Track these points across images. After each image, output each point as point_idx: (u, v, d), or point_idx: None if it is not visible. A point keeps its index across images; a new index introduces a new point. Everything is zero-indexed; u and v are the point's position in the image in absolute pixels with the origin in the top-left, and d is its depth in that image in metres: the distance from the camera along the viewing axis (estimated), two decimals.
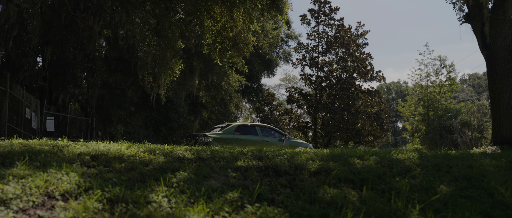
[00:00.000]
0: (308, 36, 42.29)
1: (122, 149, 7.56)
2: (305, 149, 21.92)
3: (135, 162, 6.63)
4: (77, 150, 7.17)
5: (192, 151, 8.28)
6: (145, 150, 7.71)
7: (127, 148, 7.88)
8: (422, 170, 7.48)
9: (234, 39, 20.88)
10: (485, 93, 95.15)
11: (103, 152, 7.13)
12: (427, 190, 6.37)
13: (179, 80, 31.11)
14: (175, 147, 8.67)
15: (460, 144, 47.41)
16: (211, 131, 21.69)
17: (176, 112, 31.81)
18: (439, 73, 51.80)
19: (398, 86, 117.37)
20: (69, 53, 26.23)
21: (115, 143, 9.06)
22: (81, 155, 6.81)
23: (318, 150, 10.17)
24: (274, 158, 7.91)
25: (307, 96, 41.58)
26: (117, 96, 28.72)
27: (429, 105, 51.05)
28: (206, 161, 7.32)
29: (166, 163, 6.81)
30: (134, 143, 9.16)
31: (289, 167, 7.30)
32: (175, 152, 7.91)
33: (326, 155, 8.62)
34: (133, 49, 27.37)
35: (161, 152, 7.65)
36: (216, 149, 8.94)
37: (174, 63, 22.16)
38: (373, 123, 38.89)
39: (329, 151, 9.38)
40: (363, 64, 40.24)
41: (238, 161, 7.50)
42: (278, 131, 22.36)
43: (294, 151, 9.50)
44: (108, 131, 29.45)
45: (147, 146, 8.54)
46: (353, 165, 7.74)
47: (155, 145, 9.14)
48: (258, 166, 7.26)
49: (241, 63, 22.28)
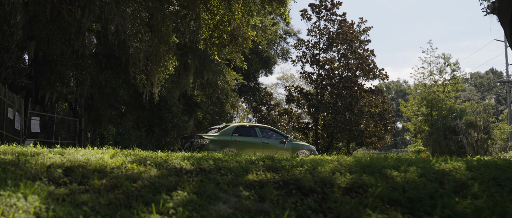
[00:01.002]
0: (308, 32, 40.91)
1: (105, 158, 6.19)
2: (309, 153, 21.08)
3: (120, 177, 5.25)
4: (49, 160, 5.78)
5: (190, 160, 6.90)
6: (133, 159, 6.33)
7: (111, 156, 6.50)
8: (480, 186, 6.10)
9: (232, 34, 19.76)
10: (488, 93, 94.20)
11: (81, 163, 5.76)
12: (501, 215, 4.99)
13: (173, 79, 29.95)
14: (170, 155, 7.33)
15: (466, 145, 46.21)
16: (208, 132, 20.74)
17: (170, 112, 30.72)
18: (443, 72, 50.70)
19: (397, 85, 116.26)
20: (56, 49, 25.04)
21: (99, 149, 7.72)
22: (52, 167, 5.41)
23: (339, 157, 8.81)
24: (292, 169, 6.56)
25: (308, 96, 40.22)
26: (108, 95, 27.64)
27: (433, 105, 49.91)
28: (210, 174, 5.95)
29: (160, 177, 5.44)
30: (121, 149, 7.83)
31: (314, 183, 5.93)
32: (170, 161, 6.54)
33: (352, 164, 7.28)
34: (124, 45, 26.24)
35: (153, 162, 6.29)
36: (219, 157, 7.58)
37: (168, 59, 21.02)
38: (377, 123, 37.69)
39: (354, 160, 8.02)
40: (366, 62, 38.98)
41: (249, 173, 6.15)
42: (279, 132, 21.48)
43: (314, 159, 8.17)
44: (98, 132, 28.37)
45: (137, 153, 7.17)
46: (391, 178, 6.37)
47: (146, 152, 7.78)
48: (274, 180, 5.92)
49: (240, 60, 21.10)
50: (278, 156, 8.26)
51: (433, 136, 48.57)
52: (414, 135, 52.88)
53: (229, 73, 35.22)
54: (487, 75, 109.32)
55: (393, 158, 8.76)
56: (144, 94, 26.25)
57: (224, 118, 39.28)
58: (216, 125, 37.81)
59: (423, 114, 50.94)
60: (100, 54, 28.63)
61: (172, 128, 30.97)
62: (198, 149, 18.83)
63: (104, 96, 27.86)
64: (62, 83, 25.44)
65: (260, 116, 49.06)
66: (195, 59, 31.44)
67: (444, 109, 49.48)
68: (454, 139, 47.26)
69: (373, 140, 37.58)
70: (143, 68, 22.60)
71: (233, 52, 20.03)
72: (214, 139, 19.29)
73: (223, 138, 19.50)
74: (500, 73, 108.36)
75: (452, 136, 47.66)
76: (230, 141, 19.46)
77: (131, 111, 31.14)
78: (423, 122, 50.91)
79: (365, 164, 7.25)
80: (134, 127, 29.99)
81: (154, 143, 30.61)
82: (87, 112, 27.70)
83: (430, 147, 49.77)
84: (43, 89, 25.47)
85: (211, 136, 19.41)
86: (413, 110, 52.61)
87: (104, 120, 28.27)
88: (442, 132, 48.26)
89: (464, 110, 49.54)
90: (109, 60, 28.92)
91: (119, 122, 29.04)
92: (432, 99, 49.94)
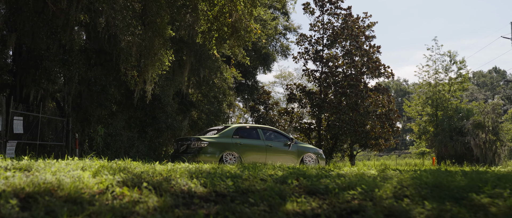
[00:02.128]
0: (311, 27, 39.50)
1: (85, 178, 4.57)
2: (315, 156, 19.74)
3: (103, 213, 3.61)
4: (3, 182, 4.11)
5: (201, 177, 5.26)
6: (124, 179, 4.70)
7: (94, 174, 4.86)
8: None
9: (233, 26, 18.35)
10: (491, 92, 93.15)
11: (50, 187, 4.11)
12: None
13: (167, 76, 28.74)
14: (172, 170, 5.69)
15: (473, 147, 44.97)
16: (206, 134, 19.56)
17: (164, 111, 29.49)
18: (449, 70, 49.41)
19: (397, 84, 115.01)
20: (41, 43, 23.67)
21: (80, 161, 6.08)
22: (3, 195, 3.74)
23: (393, 173, 7.13)
24: (342, 192, 4.92)
25: (311, 94, 38.64)
26: (97, 93, 26.31)
27: (438, 105, 48.59)
28: (233, 203, 4.32)
29: (163, 212, 3.81)
30: (109, 160, 6.20)
31: (384, 217, 4.29)
32: (173, 180, 4.92)
33: (417, 184, 5.62)
34: (115, 40, 24.96)
35: (152, 183, 4.65)
36: (237, 173, 5.94)
37: (164, 54, 19.52)
38: (384, 123, 36.22)
39: (414, 175, 6.36)
40: (372, 59, 37.47)
41: (286, 200, 4.52)
42: (284, 134, 20.38)
43: (359, 174, 6.53)
44: (87, 133, 27.00)
45: (128, 168, 5.52)
46: (483, 208, 4.73)
47: (140, 164, 6.14)
48: (325, 212, 4.29)
49: (242, 55, 19.67)
50: (308, 168, 6.67)
51: (439, 137, 47.38)
52: (418, 136, 51.53)
53: (226, 71, 33.83)
54: (490, 74, 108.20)
55: (458, 173, 7.11)
56: (136, 92, 25.21)
57: (220, 117, 38.08)
58: (211, 125, 36.79)
59: (428, 114, 49.68)
60: (89, 49, 27.36)
61: (166, 129, 29.75)
62: (195, 152, 17.77)
63: (94, 94, 26.57)
64: (48, 80, 24.13)
65: (257, 116, 47.98)
66: (190, 55, 30.23)
67: (450, 108, 48.33)
68: (461, 140, 46.04)
69: (379, 141, 36.12)
70: (135, 64, 21.16)
71: (235, 47, 18.60)
72: (213, 141, 18.14)
73: (223, 140, 18.37)
74: (504, 72, 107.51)
75: (458, 137, 46.46)
76: (230, 144, 18.35)
77: (122, 110, 29.89)
78: (427, 123, 49.67)
79: (432, 183, 5.64)
80: (126, 127, 28.70)
81: (147, 144, 29.38)
82: (75, 111, 26.48)
83: (435, 149, 48.69)
84: (28, 86, 24.22)
85: (210, 138, 18.27)
86: (417, 109, 51.28)
87: (94, 120, 27.06)
88: (448, 133, 47.11)
89: (471, 109, 48.37)
90: (99, 56, 27.69)
91: (109, 122, 27.87)
92: (437, 99, 48.61)
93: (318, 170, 6.43)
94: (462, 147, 45.81)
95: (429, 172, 6.68)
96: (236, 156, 18.15)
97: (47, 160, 6.55)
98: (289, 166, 9.46)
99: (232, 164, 18.17)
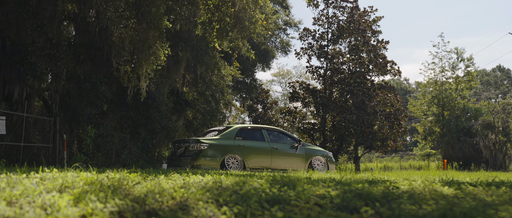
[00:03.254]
0: (314, 22, 38.19)
1: (62, 208, 3.14)
2: (324, 160, 18.63)
3: None
4: None
5: (229, 202, 3.86)
6: (120, 209, 3.28)
7: (76, 199, 3.42)
8: None
9: (237, 16, 17.08)
10: (495, 91, 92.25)
11: None
12: None
13: (161, 73, 27.79)
14: (186, 189, 4.31)
15: (483, 148, 44.02)
16: (205, 135, 18.60)
17: (158, 111, 28.61)
18: (456, 68, 48.38)
19: (398, 83, 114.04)
20: (26, 37, 22.45)
21: (59, 173, 4.71)
22: None
23: (474, 189, 5.72)
24: None
25: (315, 93, 37.28)
26: (87, 91, 25.20)
27: (445, 104, 47.55)
28: None
29: None
30: (99, 169, 4.84)
31: None
32: (194, 211, 3.52)
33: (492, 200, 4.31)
34: (106, 33, 23.81)
35: (163, 216, 3.26)
36: (280, 196, 4.48)
37: (159, 47, 18.25)
38: (393, 124, 34.98)
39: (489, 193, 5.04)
40: (380, 55, 36.19)
41: None
42: (290, 135, 19.42)
43: (449, 197, 5.18)
44: (76, 134, 25.91)
45: (125, 189, 4.12)
46: None
47: (140, 181, 4.76)
48: None
49: (246, 48, 18.41)
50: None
51: (445, 138, 46.45)
52: (423, 137, 50.48)
53: (225, 68, 32.67)
54: (493, 73, 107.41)
55: None
56: (129, 89, 24.19)
57: (217, 117, 37.01)
58: (207, 125, 35.81)
59: (434, 113, 48.67)
60: (78, 43, 26.19)
61: (161, 130, 28.77)
62: (194, 156, 16.80)
63: (83, 92, 25.37)
64: (34, 77, 22.97)
65: (255, 116, 47.02)
66: (187, 50, 29.10)
67: (457, 108, 47.39)
68: (469, 141, 45.08)
69: (388, 142, 34.87)
70: (128, 58, 19.94)
71: (238, 39, 17.35)
72: (213, 143, 17.09)
73: (224, 142, 17.31)
74: (508, 70, 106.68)
75: (466, 138, 45.51)
76: (232, 146, 17.30)
77: (114, 110, 28.79)
78: (433, 123, 48.67)
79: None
80: (117, 127, 27.90)
81: (140, 145, 28.48)
82: (63, 110, 25.35)
83: (441, 150, 47.74)
84: (11, 83, 23.04)
85: (210, 140, 17.22)
86: (422, 109, 50.21)
87: (83, 120, 25.96)
88: (455, 134, 46.21)
89: (479, 109, 47.46)
90: (88, 51, 26.29)
91: (100, 122, 27.07)
92: (444, 98, 47.58)
93: (383, 187, 5.10)
94: (470, 148, 44.90)
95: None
96: (239, 159, 17.15)
97: (18, 171, 5.22)
98: (323, 177, 8.17)
99: (235, 169, 17.08)
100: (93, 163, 23.00)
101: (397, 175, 12.50)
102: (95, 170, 5.59)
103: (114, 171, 5.39)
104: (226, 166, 16.71)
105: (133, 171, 6.78)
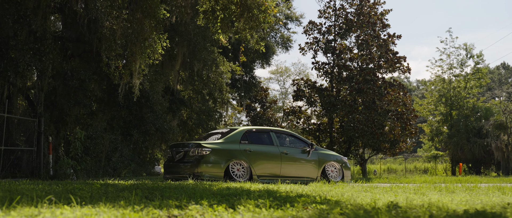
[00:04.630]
0: (320, 14, 36.58)
1: None
2: (339, 166, 17.14)
3: None
4: None
5: None
6: None
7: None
8: None
9: (244, 4, 15.45)
10: (499, 89, 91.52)
11: None
12: None
13: (155, 69, 26.55)
14: None
15: (494, 150, 42.79)
16: (207, 138, 16.90)
17: (152, 111, 27.51)
18: (465, 65, 47.11)
19: (399, 81, 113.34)
20: (8, 29, 21.21)
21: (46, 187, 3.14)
22: None
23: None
24: None
25: (321, 91, 35.70)
26: (74, 89, 24.01)
27: (453, 103, 46.28)
28: None
29: None
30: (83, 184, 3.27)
31: None
32: None
33: None
34: (96, 25, 22.49)
35: None
36: None
37: (156, 39, 16.65)
38: (406, 124, 33.50)
39: None
40: (391, 51, 34.64)
41: None
42: (301, 138, 17.84)
43: None
44: (62, 135, 24.63)
45: None
46: None
47: None
48: None
49: (255, 40, 16.82)
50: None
51: (454, 139, 45.22)
52: (430, 137, 49.20)
53: (223, 64, 31.31)
54: (497, 71, 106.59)
55: None
56: (120, 87, 22.78)
57: (212, 117, 35.84)
58: (202, 125, 34.68)
59: (441, 113, 47.43)
60: (66, 37, 25.06)
61: (155, 131, 27.65)
62: (195, 162, 15.13)
63: (70, 90, 24.17)
64: (16, 73, 21.73)
65: (253, 115, 45.81)
66: (183, 45, 27.81)
67: (466, 107, 46.13)
68: (480, 142, 43.81)
69: (400, 144, 33.40)
70: (120, 52, 18.46)
71: (245, 30, 15.72)
72: (216, 148, 15.50)
73: (229, 147, 15.73)
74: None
75: (476, 139, 44.26)
76: (238, 151, 15.72)
77: (104, 109, 27.75)
78: (441, 123, 47.49)
79: None
80: (108, 129, 26.68)
81: (132, 147, 27.54)
82: (48, 110, 24.14)
83: (450, 152, 46.52)
84: None
85: (213, 144, 15.62)
86: (429, 108, 48.89)
87: (70, 121, 24.76)
88: (464, 134, 44.99)
89: (490, 108, 46.21)
90: (76, 46, 25.27)
91: (89, 123, 25.70)
92: (452, 97, 46.32)
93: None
94: (480, 150, 43.68)
95: None
96: (245, 166, 15.57)
97: None
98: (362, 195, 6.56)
99: (240, 177, 15.53)
100: (82, 168, 21.68)
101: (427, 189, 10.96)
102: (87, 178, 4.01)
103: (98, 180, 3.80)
104: (231, 174, 15.10)
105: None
